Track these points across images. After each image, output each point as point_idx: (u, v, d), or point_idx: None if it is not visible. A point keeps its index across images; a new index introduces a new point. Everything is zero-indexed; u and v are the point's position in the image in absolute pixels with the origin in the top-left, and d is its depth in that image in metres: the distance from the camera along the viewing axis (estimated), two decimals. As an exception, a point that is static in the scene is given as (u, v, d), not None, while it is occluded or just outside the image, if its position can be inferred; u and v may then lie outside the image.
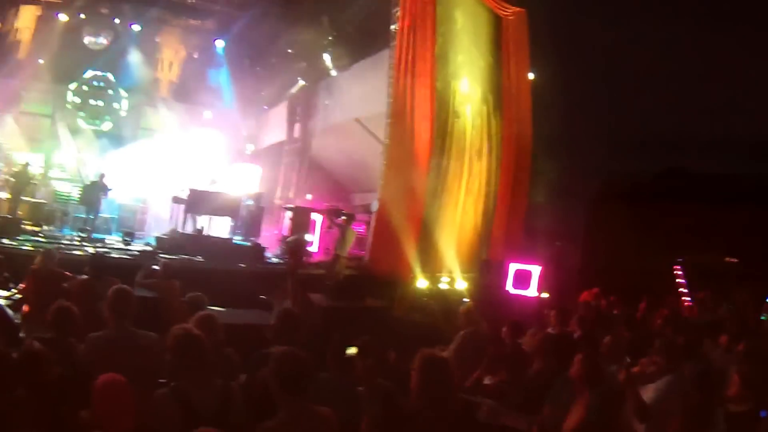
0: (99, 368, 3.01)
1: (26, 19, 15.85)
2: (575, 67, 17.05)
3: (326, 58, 14.57)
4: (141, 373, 3.22)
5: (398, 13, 11.03)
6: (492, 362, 5.16)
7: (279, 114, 16.96)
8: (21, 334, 5.48)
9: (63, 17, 15.66)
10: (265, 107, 16.80)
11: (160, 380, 3.38)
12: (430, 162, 11.11)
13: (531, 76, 13.70)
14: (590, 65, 19.46)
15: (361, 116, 13.33)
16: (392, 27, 11.24)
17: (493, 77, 13.02)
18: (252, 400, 3.35)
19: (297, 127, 16.37)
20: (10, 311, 5.93)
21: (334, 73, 14.65)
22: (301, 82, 15.83)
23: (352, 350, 3.75)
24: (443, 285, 10.97)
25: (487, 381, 5.08)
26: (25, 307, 6.34)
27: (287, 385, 2.89)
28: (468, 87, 12.31)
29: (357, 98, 13.50)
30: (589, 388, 3.64)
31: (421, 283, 10.53)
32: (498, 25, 13.23)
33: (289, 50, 15.51)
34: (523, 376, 4.80)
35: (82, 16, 15.93)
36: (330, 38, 14.21)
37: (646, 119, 21.86)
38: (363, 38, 13.21)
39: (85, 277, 6.40)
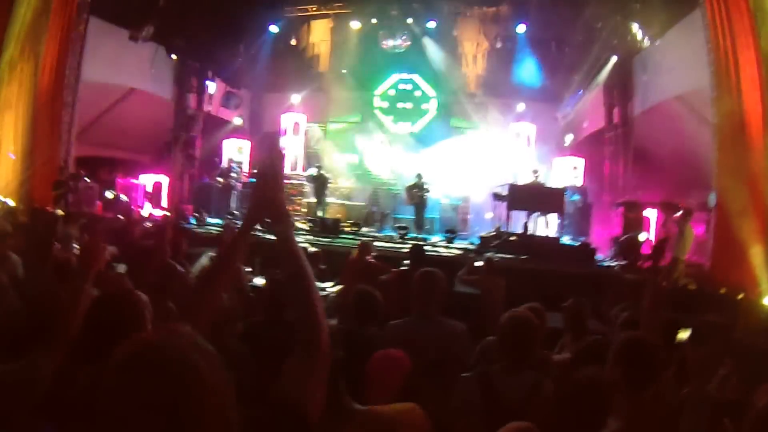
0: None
1: (320, 32, 17.96)
2: None
3: (635, 27, 13.40)
4: (443, 363, 3.42)
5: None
6: None
7: (595, 98, 16.23)
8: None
9: (356, 25, 17.23)
10: (580, 91, 16.20)
11: (464, 374, 3.43)
12: (764, 140, 9.48)
13: None
14: None
15: (683, 92, 12.03)
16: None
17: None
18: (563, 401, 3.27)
19: (615, 111, 15.50)
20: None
21: (646, 44, 13.40)
22: (614, 59, 14.88)
23: (683, 334, 3.22)
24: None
25: None
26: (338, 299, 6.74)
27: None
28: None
29: (676, 71, 12.23)
30: None
31: (769, 301, 9.08)
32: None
33: (595, 24, 14.66)
34: None
35: (374, 21, 17.25)
36: (636, 3, 13.03)
37: None
38: (671, -1, 11.84)
39: (404, 268, 6.67)
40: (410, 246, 8.34)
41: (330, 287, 7.33)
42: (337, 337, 3.56)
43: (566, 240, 13.68)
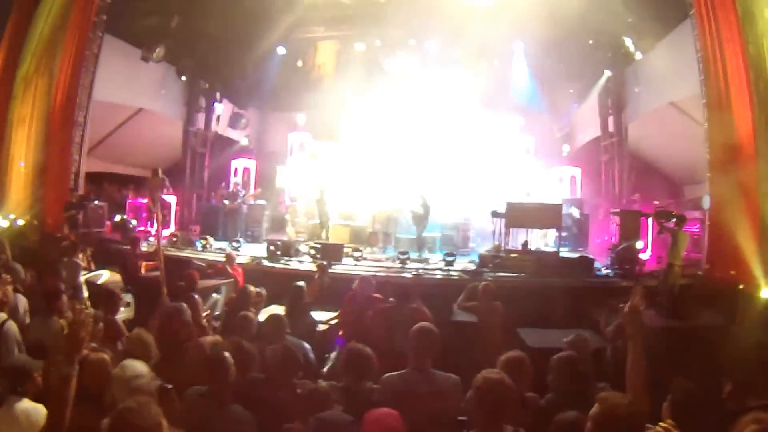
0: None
1: (326, 54, 18.18)
2: None
3: (628, 41, 13.69)
4: (437, 419, 3.32)
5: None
6: None
7: (590, 109, 16.53)
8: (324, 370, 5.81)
9: (360, 47, 17.37)
10: (575, 104, 16.48)
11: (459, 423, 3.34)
12: (755, 144, 9.64)
13: None
14: None
15: (676, 99, 12.34)
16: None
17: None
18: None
19: (610, 120, 15.79)
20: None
21: (639, 56, 13.69)
22: (608, 73, 15.22)
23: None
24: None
25: None
26: (341, 332, 6.82)
27: None
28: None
29: (668, 80, 12.54)
30: None
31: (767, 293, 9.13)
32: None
33: (589, 41, 14.97)
34: None
35: (378, 42, 17.38)
36: (628, 19, 13.31)
37: None
38: (662, 12, 12.08)
39: (389, 304, 6.50)
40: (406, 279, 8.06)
41: (330, 319, 7.32)
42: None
43: (564, 252, 13.70)
